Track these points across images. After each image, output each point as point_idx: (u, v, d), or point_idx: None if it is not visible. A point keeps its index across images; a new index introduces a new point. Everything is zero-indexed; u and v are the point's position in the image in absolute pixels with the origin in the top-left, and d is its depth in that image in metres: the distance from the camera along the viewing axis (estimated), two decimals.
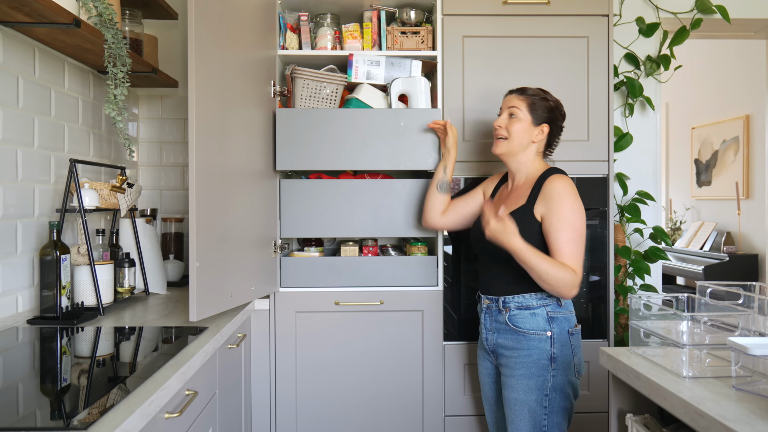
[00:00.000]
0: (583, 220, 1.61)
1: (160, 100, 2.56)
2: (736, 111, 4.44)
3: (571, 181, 1.65)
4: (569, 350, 1.63)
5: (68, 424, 0.92)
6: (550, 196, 1.61)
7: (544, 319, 1.63)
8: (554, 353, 1.61)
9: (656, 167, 2.65)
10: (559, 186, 1.62)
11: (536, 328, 1.62)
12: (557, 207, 1.59)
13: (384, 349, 2.10)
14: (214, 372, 1.60)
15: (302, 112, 2.06)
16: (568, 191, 1.61)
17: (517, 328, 1.64)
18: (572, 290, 1.55)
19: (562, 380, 1.62)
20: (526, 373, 1.62)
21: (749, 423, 0.89)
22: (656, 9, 2.62)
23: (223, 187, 1.74)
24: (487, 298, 1.73)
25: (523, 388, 1.62)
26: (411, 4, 2.22)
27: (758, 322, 1.18)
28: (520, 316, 1.64)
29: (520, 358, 1.63)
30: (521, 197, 1.69)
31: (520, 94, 1.73)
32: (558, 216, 1.58)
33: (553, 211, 1.59)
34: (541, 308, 1.63)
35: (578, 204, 1.61)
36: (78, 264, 1.80)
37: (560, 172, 1.68)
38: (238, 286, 1.83)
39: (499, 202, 1.77)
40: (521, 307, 1.65)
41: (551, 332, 1.62)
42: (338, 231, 2.09)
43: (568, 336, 1.64)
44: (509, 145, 1.72)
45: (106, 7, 1.72)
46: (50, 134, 1.86)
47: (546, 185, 1.64)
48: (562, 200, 1.59)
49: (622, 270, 2.50)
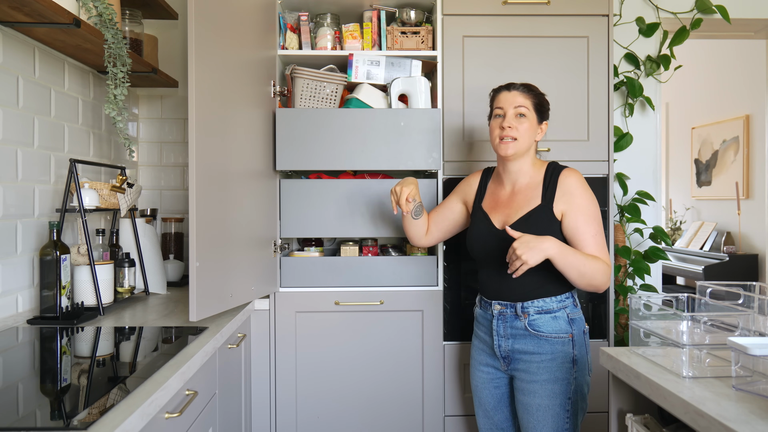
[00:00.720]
0: (599, 209, 1.63)
1: (160, 100, 2.56)
2: (736, 111, 4.44)
3: (580, 173, 1.65)
4: (585, 350, 1.63)
5: (68, 424, 0.92)
6: (570, 192, 1.60)
7: (565, 322, 1.61)
8: (575, 355, 1.60)
9: (656, 167, 2.65)
10: (577, 180, 1.62)
11: (558, 331, 1.60)
12: (579, 202, 1.59)
13: (384, 349, 2.10)
14: (214, 372, 1.60)
15: (302, 111, 2.06)
16: (585, 185, 1.62)
17: (538, 333, 1.60)
18: (607, 282, 1.57)
19: (581, 381, 1.62)
20: (551, 377, 1.59)
21: (749, 423, 0.89)
22: (656, 9, 2.62)
23: (223, 187, 1.74)
24: (499, 303, 1.66)
25: (547, 393, 1.59)
26: (411, 4, 2.22)
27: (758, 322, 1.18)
28: (542, 320, 1.61)
29: (543, 363, 1.60)
30: (531, 197, 1.64)
31: (527, 92, 1.66)
32: (581, 210, 1.59)
33: (576, 206, 1.59)
34: (561, 311, 1.61)
35: (593, 195, 1.63)
36: (78, 264, 1.80)
37: (564, 167, 1.67)
38: (238, 286, 1.83)
39: (501, 207, 1.70)
40: (542, 311, 1.61)
41: (572, 334, 1.60)
42: (338, 231, 2.09)
43: (584, 336, 1.64)
44: (519, 145, 1.64)
45: (106, 7, 1.72)
46: (50, 134, 1.86)
47: (563, 181, 1.62)
48: (583, 194, 1.60)
49: (622, 270, 2.50)
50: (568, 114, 2.13)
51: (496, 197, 1.74)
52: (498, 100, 1.68)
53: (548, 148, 2.13)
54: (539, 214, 1.61)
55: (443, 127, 2.12)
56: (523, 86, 1.67)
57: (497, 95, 1.69)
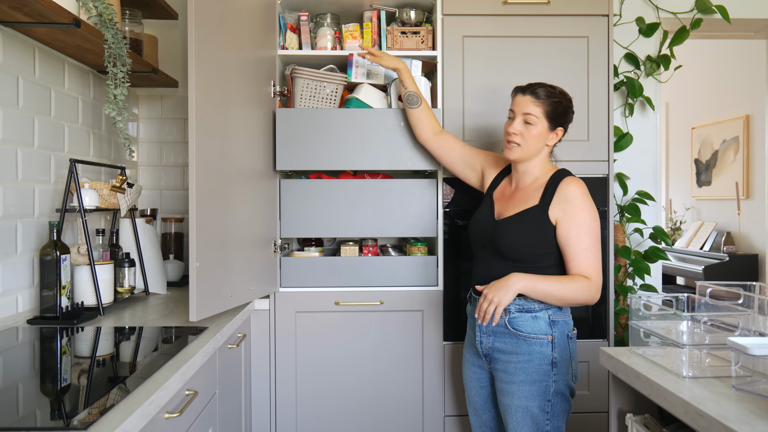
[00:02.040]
0: (599, 224, 1.60)
1: (160, 100, 2.56)
2: (736, 111, 4.44)
3: (584, 184, 1.62)
4: (568, 354, 1.60)
5: (68, 424, 0.92)
6: (567, 200, 1.58)
7: (546, 323, 1.58)
8: (555, 357, 1.57)
9: (656, 167, 2.65)
10: (577, 191, 1.59)
11: (537, 332, 1.58)
12: (575, 212, 1.57)
13: (384, 349, 2.10)
14: (214, 372, 1.60)
15: (302, 112, 2.06)
16: (585, 195, 1.59)
17: (517, 332, 1.59)
18: (593, 297, 1.55)
19: (562, 385, 1.59)
20: (528, 378, 1.58)
21: (749, 423, 0.89)
22: (656, 9, 2.62)
23: (223, 187, 1.74)
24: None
25: (524, 394, 1.58)
26: (411, 4, 2.22)
27: (758, 322, 1.18)
28: (521, 319, 1.59)
29: (520, 363, 1.58)
30: (531, 197, 1.64)
31: (536, 99, 1.62)
32: (576, 221, 1.56)
33: (571, 215, 1.57)
34: (543, 311, 1.59)
35: (594, 208, 1.60)
36: (78, 264, 1.80)
37: (570, 175, 1.64)
38: (238, 286, 1.83)
39: (503, 200, 1.73)
40: (523, 309, 1.59)
41: (552, 336, 1.58)
42: (338, 231, 2.09)
43: (567, 340, 1.61)
44: (523, 151, 1.64)
45: (106, 7, 1.72)
46: (50, 134, 1.86)
47: (562, 188, 1.60)
48: (581, 205, 1.57)
49: (622, 270, 2.50)
50: None
51: (504, 190, 1.77)
52: (513, 102, 1.68)
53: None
54: (533, 215, 1.61)
55: (443, 127, 2.11)
56: (537, 92, 1.63)
57: (514, 96, 1.69)
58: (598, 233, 1.58)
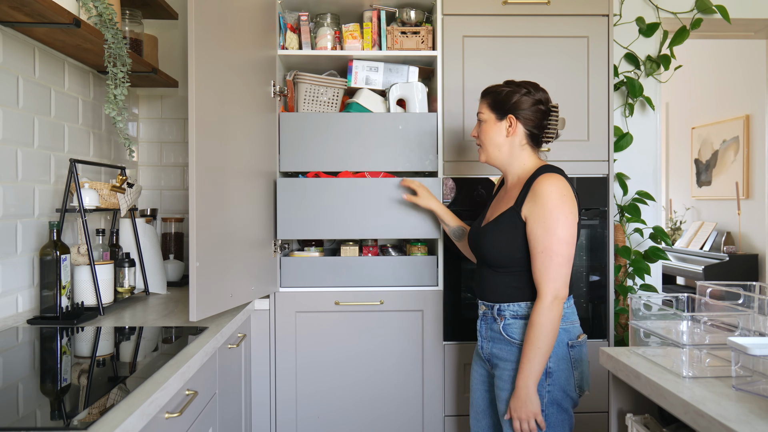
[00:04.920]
0: (566, 226, 1.45)
1: (160, 100, 2.56)
2: (736, 111, 4.44)
3: (562, 180, 1.49)
4: (566, 364, 1.50)
5: (68, 424, 0.92)
6: (534, 198, 1.48)
7: None
8: (550, 367, 1.48)
9: (656, 167, 2.65)
10: (547, 187, 1.46)
11: None
12: (540, 211, 1.46)
13: (384, 349, 2.10)
14: (214, 372, 1.60)
15: (306, 116, 2.08)
16: (554, 193, 1.46)
17: (510, 339, 1.53)
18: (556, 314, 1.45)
19: (559, 395, 1.49)
20: None
21: (749, 423, 0.89)
22: (656, 9, 2.62)
23: (223, 187, 1.74)
24: (483, 304, 1.63)
25: None
26: (411, 4, 2.22)
27: (758, 322, 1.19)
28: (515, 326, 1.53)
29: (514, 372, 1.51)
30: (511, 198, 1.57)
31: (482, 97, 1.63)
32: (540, 220, 1.46)
33: (536, 215, 1.47)
34: None
35: (566, 208, 1.46)
36: (78, 264, 1.80)
37: (554, 171, 1.53)
38: (238, 286, 1.83)
39: (492, 206, 1.69)
40: (516, 316, 1.54)
41: None
42: (338, 232, 2.08)
43: (567, 349, 1.51)
44: (485, 151, 1.62)
45: (106, 7, 1.72)
46: (50, 134, 1.86)
47: (535, 185, 1.49)
48: (548, 202, 1.45)
49: (622, 270, 2.50)
50: (568, 114, 2.13)
51: (498, 197, 1.73)
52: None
53: (548, 148, 2.12)
54: (506, 218, 1.54)
55: (443, 127, 2.12)
56: (484, 92, 1.64)
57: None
58: (562, 236, 1.44)
